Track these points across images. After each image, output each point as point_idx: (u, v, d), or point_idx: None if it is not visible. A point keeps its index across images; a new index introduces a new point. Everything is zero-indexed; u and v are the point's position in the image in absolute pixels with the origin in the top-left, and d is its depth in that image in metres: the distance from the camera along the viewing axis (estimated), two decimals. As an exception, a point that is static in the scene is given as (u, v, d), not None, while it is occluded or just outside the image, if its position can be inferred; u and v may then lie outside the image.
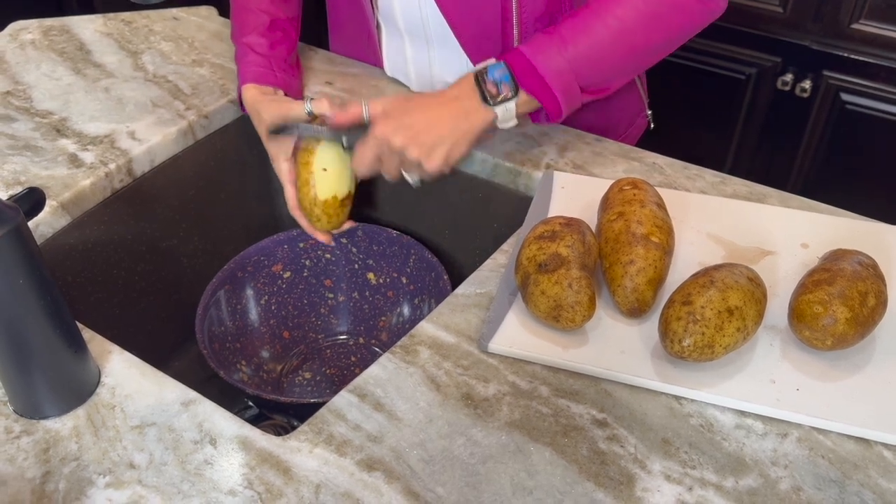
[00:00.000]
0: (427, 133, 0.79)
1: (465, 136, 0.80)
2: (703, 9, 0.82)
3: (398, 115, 0.80)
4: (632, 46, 0.81)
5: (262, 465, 0.59)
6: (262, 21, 0.94)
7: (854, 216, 0.81)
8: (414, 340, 0.69)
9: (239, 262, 0.95)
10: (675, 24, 0.82)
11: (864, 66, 1.55)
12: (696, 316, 0.62)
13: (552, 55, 0.79)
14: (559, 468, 0.59)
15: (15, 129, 0.93)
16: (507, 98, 0.80)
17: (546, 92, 0.80)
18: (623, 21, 0.79)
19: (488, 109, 0.80)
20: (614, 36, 0.79)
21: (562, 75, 0.79)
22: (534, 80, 0.79)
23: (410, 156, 0.79)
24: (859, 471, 0.59)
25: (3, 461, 0.59)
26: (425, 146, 0.79)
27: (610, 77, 0.84)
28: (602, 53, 0.80)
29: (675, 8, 0.81)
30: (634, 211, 0.72)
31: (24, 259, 0.56)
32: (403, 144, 0.78)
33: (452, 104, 0.80)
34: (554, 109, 0.81)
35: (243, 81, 0.92)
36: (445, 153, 0.80)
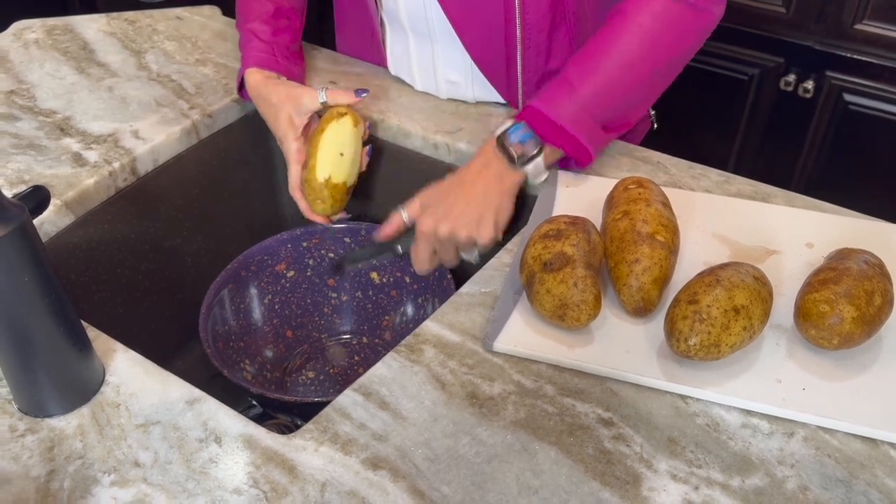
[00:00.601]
0: (469, 212, 0.80)
1: (504, 198, 0.82)
2: (701, 24, 0.83)
3: (435, 207, 0.82)
4: (639, 76, 0.83)
5: (267, 464, 0.59)
6: (267, 9, 0.95)
7: (859, 216, 0.80)
8: (419, 339, 0.69)
9: (242, 262, 0.94)
10: (675, 45, 0.83)
11: (867, 66, 1.55)
12: (702, 315, 0.62)
13: (565, 103, 0.80)
14: (565, 467, 0.59)
15: (19, 128, 0.93)
16: (533, 156, 0.82)
17: (570, 140, 0.81)
18: (625, 54, 0.80)
19: (518, 171, 0.82)
20: (620, 69, 0.81)
21: (580, 120, 0.81)
22: (554, 132, 0.81)
23: (461, 238, 0.80)
24: (866, 470, 0.59)
25: (8, 459, 0.59)
26: (472, 224, 0.80)
27: (626, 109, 0.86)
28: (612, 89, 0.82)
29: (675, 30, 0.82)
30: (640, 210, 0.72)
31: (29, 257, 0.56)
32: (451, 231, 0.80)
33: (483, 175, 0.82)
34: (582, 155, 0.83)
35: (247, 66, 0.93)
36: (493, 222, 0.81)
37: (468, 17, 0.89)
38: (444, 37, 0.93)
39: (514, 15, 0.88)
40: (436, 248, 0.83)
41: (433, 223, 0.81)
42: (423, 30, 0.95)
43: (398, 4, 0.93)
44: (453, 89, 0.99)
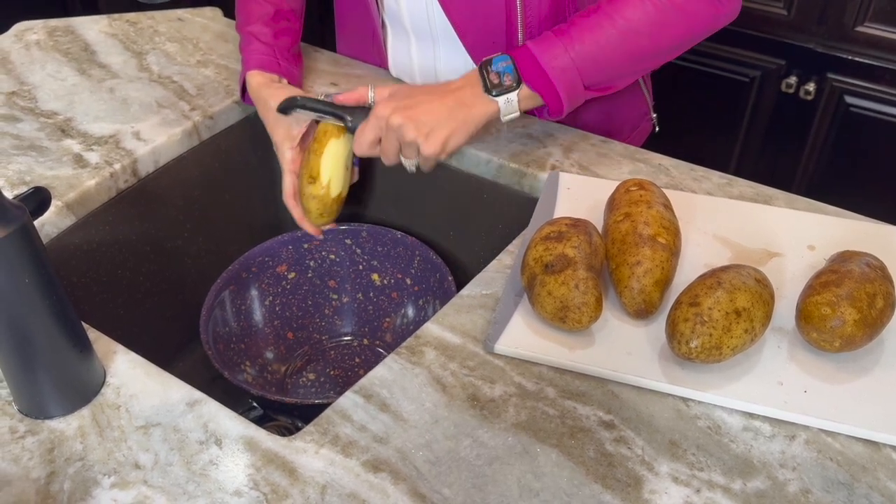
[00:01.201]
0: (426, 115, 0.79)
1: (465, 124, 0.80)
2: (714, 13, 0.82)
3: (400, 98, 0.80)
4: (638, 49, 0.82)
5: (267, 466, 0.59)
6: (267, 11, 0.95)
7: (861, 218, 0.80)
8: (419, 341, 0.69)
9: (243, 263, 0.94)
10: (683, 29, 0.82)
11: (869, 68, 1.55)
12: (703, 317, 0.62)
13: (558, 52, 0.79)
14: (566, 470, 0.59)
15: (20, 130, 0.93)
16: (509, 88, 0.80)
17: (548, 87, 0.80)
18: (631, 23, 0.79)
19: (490, 100, 0.80)
20: (622, 37, 0.80)
21: (565, 72, 0.80)
22: (537, 75, 0.80)
23: (408, 135, 0.78)
24: (868, 473, 0.59)
25: (8, 461, 0.59)
26: (423, 127, 0.78)
27: (614, 77, 0.85)
28: (608, 53, 0.81)
29: (685, 13, 0.81)
30: (641, 212, 0.71)
31: (30, 258, 0.56)
32: (401, 123, 0.78)
33: (455, 93, 0.81)
34: (555, 105, 0.82)
35: (248, 68, 0.93)
36: (443, 138, 0.79)
37: (470, 19, 0.89)
38: (446, 39, 0.93)
39: (516, 18, 0.88)
40: (381, 137, 0.81)
41: (390, 110, 0.79)
42: (425, 32, 0.94)
43: (400, 6, 0.93)
44: (454, 91, 0.99)
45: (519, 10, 0.87)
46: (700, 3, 0.81)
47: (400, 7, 0.93)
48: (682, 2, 0.80)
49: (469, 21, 0.89)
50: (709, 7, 0.82)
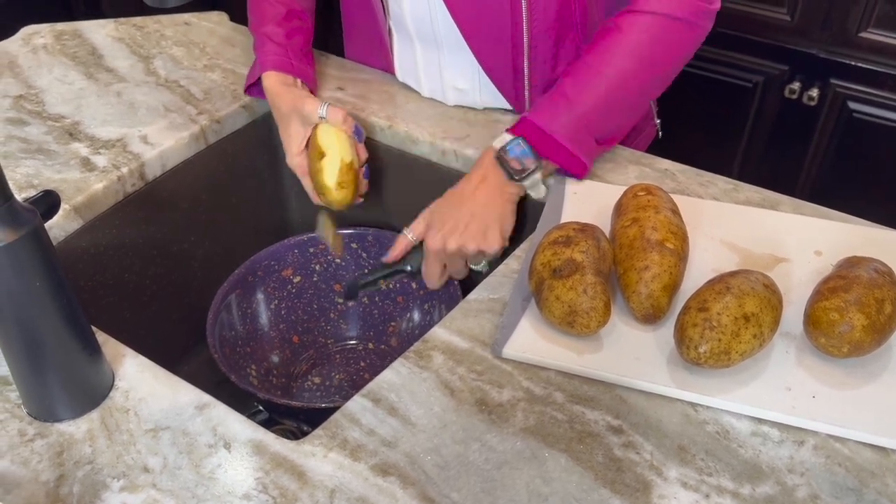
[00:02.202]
0: (474, 224, 0.82)
1: (506, 207, 0.84)
2: (692, 38, 0.85)
3: (440, 224, 0.83)
4: (632, 91, 0.85)
5: (276, 470, 0.59)
6: (279, 11, 0.96)
7: (867, 223, 0.80)
8: (427, 345, 0.69)
9: (249, 267, 0.95)
10: (667, 60, 0.85)
11: (872, 74, 1.55)
12: (712, 322, 0.62)
13: (563, 121, 0.82)
14: (575, 475, 0.59)
15: (28, 133, 0.94)
16: (532, 171, 0.83)
17: (566, 154, 0.83)
18: (619, 68, 0.82)
19: (516, 184, 0.83)
20: (616, 86, 0.83)
21: (577, 135, 0.83)
22: (552, 148, 0.82)
23: (470, 251, 0.82)
24: (876, 479, 0.59)
25: (18, 464, 0.59)
26: (479, 236, 0.82)
27: (621, 123, 0.88)
28: (609, 105, 0.84)
29: (667, 45, 0.84)
30: (649, 217, 0.72)
31: (41, 261, 0.56)
32: (460, 245, 0.82)
33: (483, 187, 0.83)
34: (578, 167, 0.85)
35: (263, 69, 0.94)
36: (499, 231, 0.83)
37: (476, 23, 0.89)
38: (451, 44, 0.94)
39: (522, 22, 0.88)
40: (446, 264, 0.85)
41: (441, 240, 0.82)
42: (429, 37, 0.95)
43: (404, 12, 0.94)
44: (460, 96, 0.99)
45: (524, 14, 0.87)
46: (680, 32, 0.83)
47: (404, 12, 0.94)
48: (662, 36, 0.82)
49: (475, 24, 0.89)
50: (687, 33, 0.84)
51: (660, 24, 0.81)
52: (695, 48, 0.86)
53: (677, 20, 0.82)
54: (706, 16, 0.84)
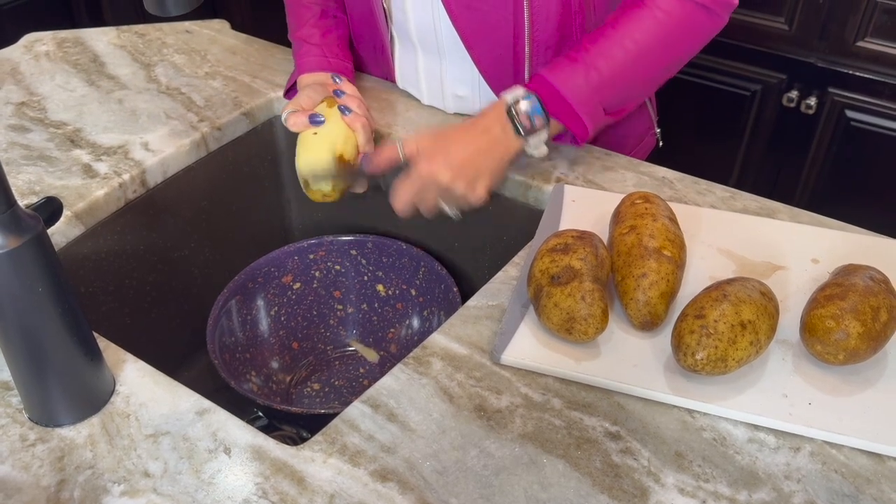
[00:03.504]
0: (470, 167, 0.81)
1: (502, 165, 0.83)
2: (710, 27, 0.85)
3: (438, 152, 0.81)
4: (648, 67, 0.85)
5: (276, 475, 0.59)
6: (314, 12, 0.98)
7: (864, 231, 0.81)
8: (426, 352, 0.70)
9: (249, 273, 0.95)
10: (686, 42, 0.85)
11: (870, 83, 1.56)
12: (709, 329, 0.62)
13: (578, 82, 0.82)
14: (573, 481, 0.59)
15: (30, 140, 0.94)
16: (541, 129, 0.83)
17: (574, 118, 0.83)
18: (639, 43, 0.82)
19: (520, 139, 0.83)
20: (633, 58, 0.82)
21: (589, 100, 0.82)
22: (563, 108, 0.82)
23: (456, 191, 0.81)
24: (872, 485, 0.59)
25: (19, 469, 0.60)
26: (470, 181, 0.81)
27: (630, 98, 0.88)
28: (623, 76, 0.83)
29: (688, 30, 0.84)
30: (646, 224, 0.72)
31: (44, 268, 0.56)
32: (449, 182, 0.80)
33: (486, 136, 0.83)
34: (581, 133, 0.84)
35: (299, 72, 0.96)
36: (488, 184, 0.82)
37: (478, 32, 0.90)
38: (453, 52, 0.94)
39: (524, 31, 0.89)
40: (422, 193, 0.82)
41: (434, 169, 0.80)
42: (431, 45, 0.95)
43: (408, 19, 0.94)
44: (460, 104, 1.00)
45: (526, 23, 0.88)
46: (700, 18, 0.84)
47: (407, 20, 0.95)
48: (684, 19, 0.83)
49: (477, 33, 0.90)
50: (708, 21, 0.84)
51: (685, 7, 0.82)
52: (710, 37, 0.87)
53: (700, 6, 0.82)
54: (726, 7, 0.84)
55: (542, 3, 0.87)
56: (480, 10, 0.88)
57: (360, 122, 0.89)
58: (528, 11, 0.87)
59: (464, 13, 0.88)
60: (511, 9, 0.87)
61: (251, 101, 1.03)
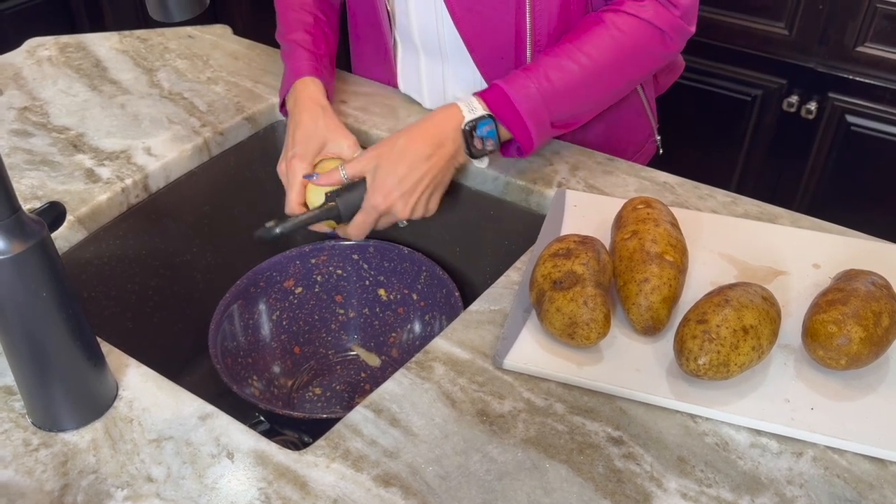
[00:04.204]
0: (424, 190, 0.84)
1: (449, 175, 0.87)
2: (664, 51, 0.87)
3: (391, 185, 0.83)
4: (600, 83, 0.87)
5: (279, 480, 0.59)
6: (307, 20, 0.98)
7: (865, 237, 0.81)
8: (428, 356, 0.70)
9: (251, 278, 0.95)
10: (641, 65, 0.88)
11: (870, 88, 1.57)
12: (711, 334, 0.62)
13: (531, 92, 0.84)
14: (575, 486, 0.59)
15: (32, 145, 0.94)
16: (489, 152, 0.86)
17: (522, 127, 0.84)
18: (595, 61, 0.84)
19: (466, 156, 0.86)
20: (586, 74, 0.84)
21: (536, 111, 0.84)
22: (511, 117, 0.84)
23: (414, 216, 0.86)
24: (875, 490, 0.59)
25: (22, 473, 0.60)
26: (423, 202, 0.85)
27: (578, 113, 0.89)
28: (576, 92, 0.85)
29: (644, 51, 0.86)
30: (648, 230, 0.72)
31: (48, 272, 0.57)
32: (407, 210, 0.84)
33: (438, 154, 0.84)
34: (526, 143, 0.86)
35: (301, 73, 0.94)
36: (438, 199, 0.87)
37: (481, 35, 0.90)
38: (455, 56, 0.95)
39: (525, 34, 0.89)
40: (378, 222, 0.86)
41: (390, 203, 0.83)
42: (434, 48, 0.96)
43: (411, 23, 0.95)
44: (462, 108, 1.00)
45: (528, 26, 0.89)
46: (655, 40, 0.85)
47: (411, 24, 0.95)
48: (639, 40, 0.85)
49: (479, 36, 0.90)
50: (661, 45, 0.86)
51: (641, 28, 0.84)
52: (663, 62, 0.89)
53: (656, 29, 0.84)
54: (682, 34, 0.86)
55: (544, 6, 0.87)
56: (483, 14, 0.88)
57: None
58: (530, 15, 0.87)
59: (466, 16, 0.89)
60: (513, 12, 0.88)
61: (253, 105, 1.03)
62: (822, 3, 1.53)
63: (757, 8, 1.60)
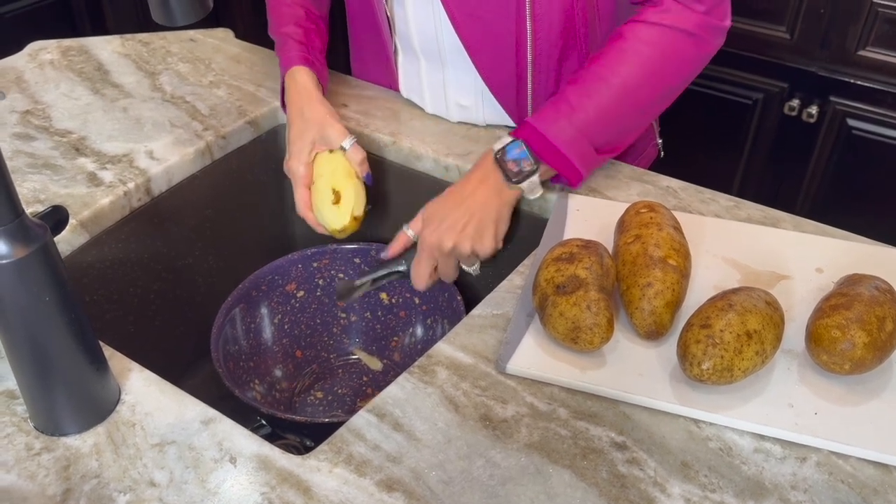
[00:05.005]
0: (471, 224, 0.82)
1: (503, 209, 0.84)
2: (698, 53, 0.84)
3: (437, 221, 0.83)
4: (637, 103, 0.84)
5: (281, 485, 0.59)
6: (298, 13, 0.98)
7: (868, 241, 0.81)
8: (431, 361, 0.70)
9: (253, 281, 0.95)
10: (673, 74, 0.84)
11: (871, 92, 1.57)
12: (715, 339, 0.62)
13: (563, 125, 0.82)
14: (579, 491, 0.59)
15: (35, 148, 0.94)
16: (530, 173, 0.83)
17: (563, 161, 0.83)
18: (626, 80, 0.81)
19: (514, 186, 0.83)
20: (619, 96, 0.82)
21: (576, 142, 0.82)
22: (550, 152, 0.82)
23: (464, 251, 0.82)
24: (879, 496, 0.59)
25: (25, 478, 0.60)
26: (474, 236, 0.82)
27: (621, 134, 0.87)
28: (610, 114, 0.83)
29: (674, 59, 0.83)
30: (651, 234, 0.72)
31: (51, 277, 0.56)
32: (455, 244, 0.82)
33: (481, 188, 0.83)
34: (573, 176, 0.85)
35: (291, 63, 0.94)
36: (494, 233, 0.83)
37: (481, 40, 0.90)
38: (456, 61, 0.95)
39: (526, 40, 0.89)
40: (437, 263, 0.85)
41: (437, 238, 0.82)
42: (434, 54, 0.96)
43: (410, 29, 0.95)
44: (464, 113, 1.00)
45: (529, 31, 0.88)
46: (686, 46, 0.82)
47: (410, 30, 0.95)
48: (670, 49, 0.82)
49: (480, 42, 0.90)
50: (695, 48, 0.83)
51: (668, 37, 0.81)
52: (702, 65, 0.85)
53: (686, 34, 0.81)
54: (716, 32, 0.83)
55: (545, 11, 0.87)
56: (483, 19, 0.88)
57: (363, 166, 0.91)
58: (531, 20, 0.87)
59: (467, 22, 0.89)
60: (514, 17, 0.88)
61: (255, 109, 1.03)
62: (823, 7, 1.54)
63: (758, 11, 1.60)
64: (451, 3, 0.87)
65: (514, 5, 0.87)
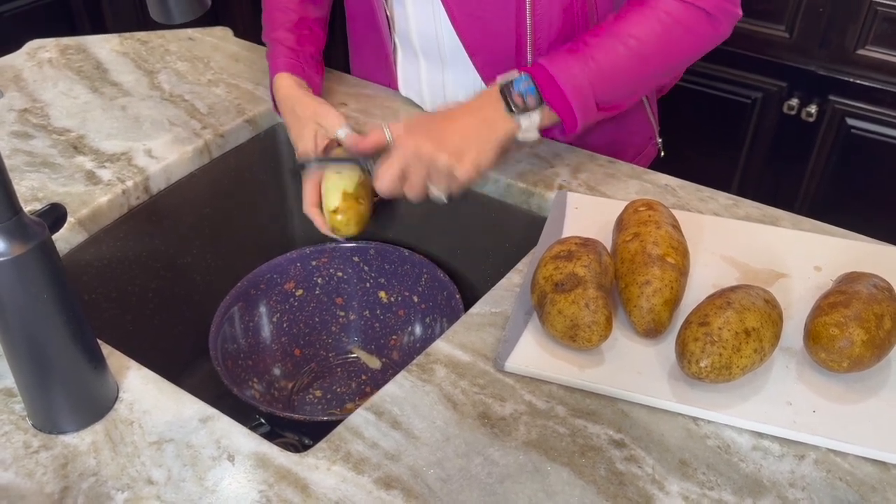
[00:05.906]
0: (454, 138, 0.79)
1: (491, 143, 0.81)
2: (712, 33, 0.85)
3: (420, 128, 0.81)
4: (646, 66, 0.84)
5: (280, 483, 0.59)
6: (290, 18, 0.97)
7: (867, 239, 0.81)
8: (430, 359, 0.70)
9: (252, 280, 0.95)
10: (686, 46, 0.85)
11: (870, 91, 1.57)
12: (713, 337, 0.62)
13: (574, 71, 0.81)
14: (577, 489, 0.59)
15: (33, 146, 0.94)
16: (532, 108, 0.81)
17: (565, 106, 0.82)
18: (641, 41, 0.82)
19: (512, 119, 0.81)
20: (632, 55, 0.82)
21: (581, 90, 0.82)
22: (556, 95, 0.81)
23: (440, 162, 0.78)
24: (877, 493, 0.59)
25: (22, 476, 0.60)
26: (454, 151, 0.78)
27: (624, 95, 0.87)
28: (619, 72, 0.83)
29: (688, 31, 0.84)
30: (650, 232, 0.72)
31: (49, 275, 0.56)
32: (433, 152, 0.78)
33: (476, 113, 0.81)
34: (570, 123, 0.83)
35: (276, 70, 0.95)
36: (475, 159, 0.79)
37: (481, 40, 0.90)
38: (455, 60, 0.95)
39: (526, 40, 0.89)
40: (407, 170, 0.80)
41: (415, 142, 0.79)
42: (433, 53, 0.96)
43: (410, 28, 0.95)
44: (462, 111, 1.00)
45: (529, 30, 0.88)
46: (701, 22, 0.83)
47: (409, 29, 0.95)
48: (685, 21, 0.83)
49: (480, 41, 0.90)
50: (709, 27, 0.84)
51: (688, 12, 0.82)
52: (711, 45, 0.86)
53: (702, 11, 0.82)
54: (729, 16, 0.84)
55: (545, 10, 0.87)
56: (483, 19, 0.88)
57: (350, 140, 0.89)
58: (531, 19, 0.87)
59: (466, 21, 0.89)
60: (513, 16, 0.87)
61: (254, 108, 1.03)
62: (822, 6, 1.54)
63: (757, 11, 1.60)
64: (451, 3, 0.87)
65: (513, 5, 0.87)
